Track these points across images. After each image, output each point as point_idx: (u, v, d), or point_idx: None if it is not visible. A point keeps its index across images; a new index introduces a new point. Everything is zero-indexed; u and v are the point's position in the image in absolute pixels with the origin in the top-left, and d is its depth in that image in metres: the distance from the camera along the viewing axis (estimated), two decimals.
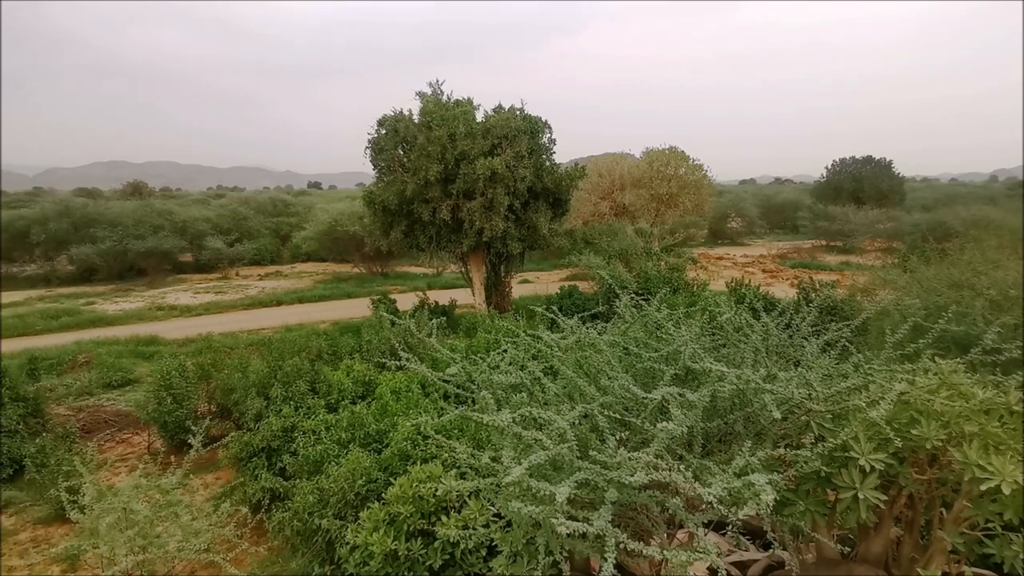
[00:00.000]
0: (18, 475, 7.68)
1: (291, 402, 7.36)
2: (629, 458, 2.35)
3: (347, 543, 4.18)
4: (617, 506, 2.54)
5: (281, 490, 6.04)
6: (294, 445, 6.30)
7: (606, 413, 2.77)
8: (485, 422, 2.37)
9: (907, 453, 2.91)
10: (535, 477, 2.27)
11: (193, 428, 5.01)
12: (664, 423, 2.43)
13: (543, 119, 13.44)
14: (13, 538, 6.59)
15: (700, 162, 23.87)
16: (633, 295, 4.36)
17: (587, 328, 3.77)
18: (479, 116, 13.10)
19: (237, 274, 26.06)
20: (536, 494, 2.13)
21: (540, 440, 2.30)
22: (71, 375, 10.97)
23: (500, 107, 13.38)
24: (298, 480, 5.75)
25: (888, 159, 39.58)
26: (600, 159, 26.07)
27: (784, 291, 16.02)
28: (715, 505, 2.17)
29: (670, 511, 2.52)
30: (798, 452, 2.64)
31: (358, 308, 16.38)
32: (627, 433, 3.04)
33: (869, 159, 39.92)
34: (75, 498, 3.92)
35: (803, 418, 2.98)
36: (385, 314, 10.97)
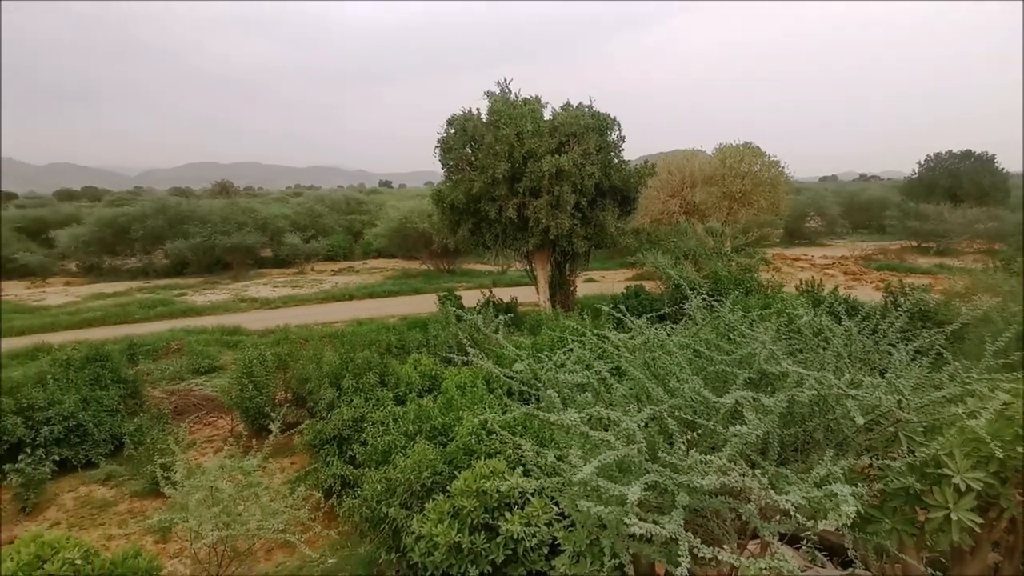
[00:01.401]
0: (118, 451, 8.38)
1: (361, 393, 7.62)
2: (700, 461, 2.28)
3: (413, 532, 4.29)
4: (687, 511, 2.47)
5: (351, 477, 6.27)
6: (363, 435, 6.53)
7: (676, 415, 2.70)
8: (552, 420, 2.36)
9: (1010, 473, 2.67)
10: (602, 478, 2.25)
11: (271, 414, 5.30)
12: (737, 427, 2.34)
13: (612, 116, 13.26)
14: (112, 508, 7.19)
15: (776, 158, 22.81)
16: (705, 296, 4.22)
17: (655, 329, 3.69)
18: (547, 114, 13.08)
19: (312, 269, 27.28)
20: (604, 494, 2.11)
21: (608, 441, 2.26)
22: (165, 360, 11.83)
23: (568, 104, 13.31)
24: (367, 469, 5.95)
25: (991, 153, 36.31)
26: (670, 156, 25.41)
27: (868, 295, 15.07)
28: (792, 514, 2.06)
29: (743, 518, 2.42)
30: (885, 465, 2.47)
31: (425, 304, 16.77)
32: (696, 436, 2.95)
33: (968, 154, 36.73)
34: (168, 475, 4.23)
35: (891, 429, 2.78)
36: (451, 310, 11.20)
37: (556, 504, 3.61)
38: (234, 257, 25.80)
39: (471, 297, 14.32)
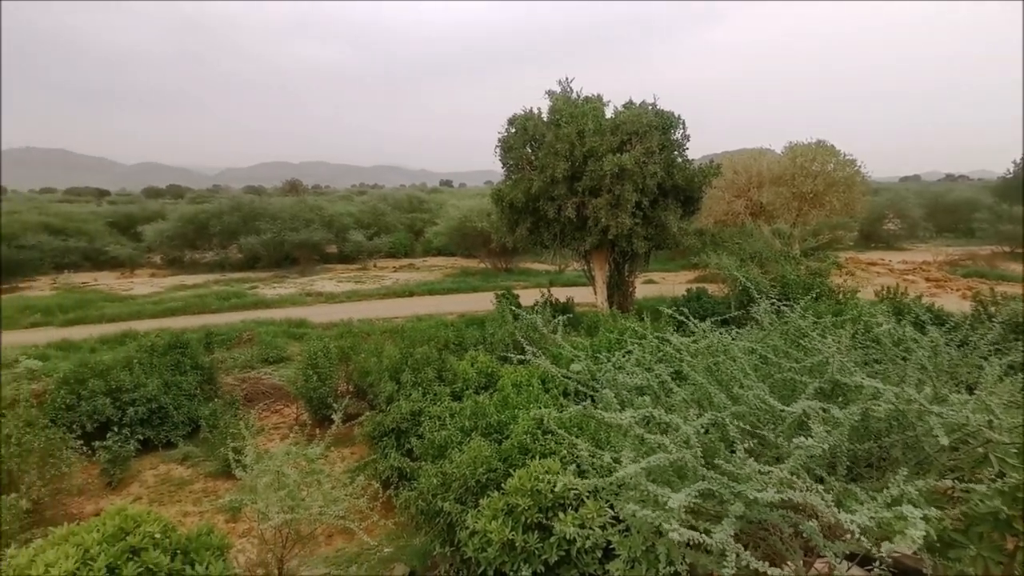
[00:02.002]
0: (195, 433, 8.91)
1: (419, 388, 7.78)
2: (760, 472, 2.18)
3: (467, 528, 4.34)
4: (744, 522, 2.38)
5: (408, 470, 6.41)
6: (421, 428, 6.65)
7: (737, 423, 2.61)
8: (607, 421, 2.33)
9: None
10: (657, 482, 2.19)
11: (334, 405, 5.50)
12: (802, 439, 2.23)
13: (676, 114, 12.94)
14: (188, 487, 7.65)
15: (853, 157, 21.60)
16: (773, 300, 4.05)
17: (719, 333, 3.57)
18: (609, 112, 12.91)
19: (375, 266, 28.08)
20: (656, 499, 2.06)
21: (663, 444, 2.21)
22: (237, 349, 12.47)
23: (631, 103, 13.09)
24: (423, 462, 6.06)
25: None
26: (736, 155, 24.56)
27: (954, 304, 14.05)
28: (857, 535, 1.94)
29: (805, 535, 2.31)
30: (971, 488, 2.29)
31: (483, 302, 16.93)
32: (757, 445, 2.83)
33: None
34: (239, 458, 4.46)
35: (979, 449, 2.58)
36: (509, 308, 11.26)
37: (611, 507, 3.56)
38: (302, 253, 26.89)
39: (528, 296, 14.35)
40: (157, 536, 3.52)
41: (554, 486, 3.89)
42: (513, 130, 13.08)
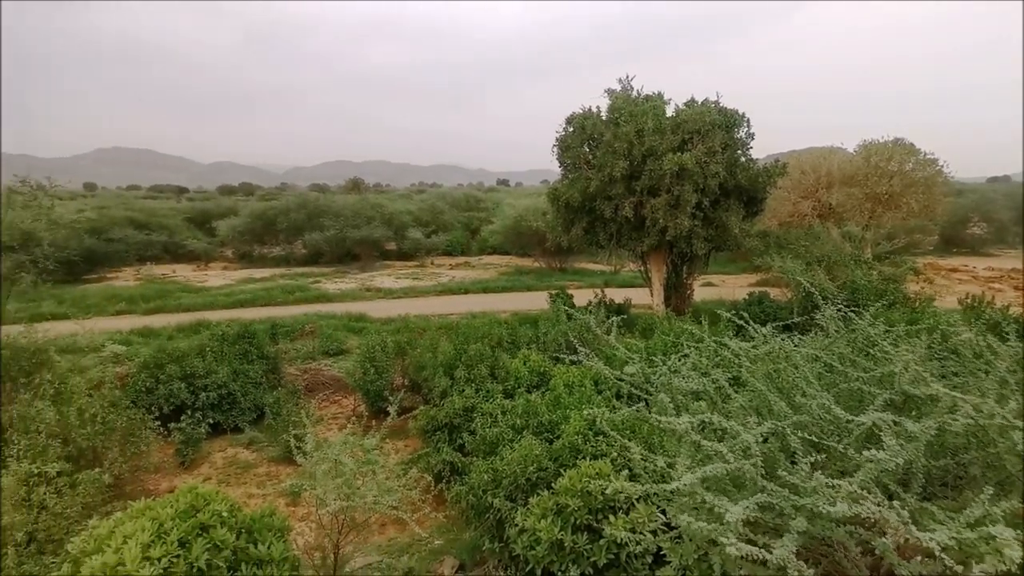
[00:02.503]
0: (259, 419, 9.35)
1: (473, 384, 7.87)
2: (826, 485, 2.09)
3: (516, 525, 4.36)
4: (807, 537, 2.28)
5: (459, 465, 6.51)
6: (473, 425, 6.74)
7: (799, 434, 2.50)
8: (661, 425, 2.28)
9: None
10: (712, 491, 2.13)
11: (389, 398, 5.64)
12: (873, 451, 2.12)
13: (741, 112, 12.54)
14: (253, 470, 8.04)
15: (934, 155, 20.24)
16: (840, 307, 3.86)
17: (781, 339, 3.43)
18: (670, 111, 12.65)
19: (432, 263, 28.58)
20: (711, 508, 2.00)
21: (720, 452, 2.15)
22: (300, 341, 12.99)
23: (693, 101, 12.77)
24: (475, 458, 6.14)
25: None
26: (804, 154, 23.50)
27: None
28: (938, 554, 1.83)
29: (876, 552, 2.19)
30: None
31: (537, 301, 16.94)
32: (823, 458, 2.71)
33: None
34: (300, 445, 4.65)
35: None
36: (562, 308, 11.22)
37: (663, 513, 3.50)
38: (362, 249, 27.70)
39: (582, 296, 14.25)
40: (224, 515, 3.71)
41: (605, 488, 3.86)
42: (571, 129, 13.01)
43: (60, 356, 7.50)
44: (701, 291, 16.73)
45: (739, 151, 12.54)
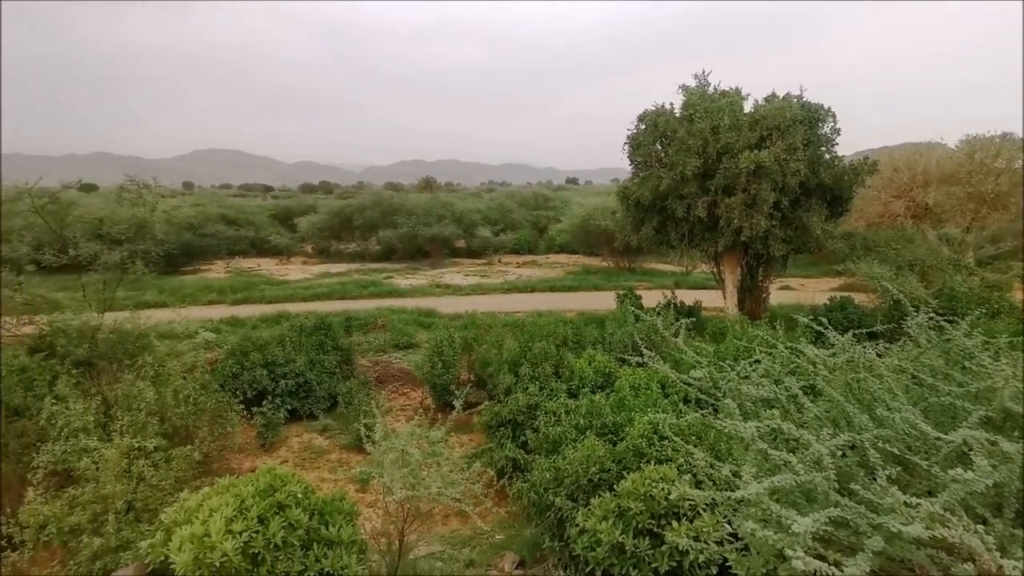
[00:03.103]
0: (333, 408, 9.78)
1: (537, 382, 7.90)
2: (906, 504, 1.96)
3: (577, 525, 4.35)
4: (883, 558, 2.15)
5: (522, 461, 6.56)
6: (536, 422, 6.77)
7: (880, 447, 2.35)
8: (727, 431, 2.21)
9: None
10: (781, 503, 2.05)
11: (455, 392, 5.77)
12: (960, 470, 1.97)
13: (826, 106, 11.87)
14: (326, 456, 8.42)
15: None
16: (933, 315, 3.59)
17: (863, 348, 3.24)
18: (748, 106, 12.16)
19: (499, 261, 28.87)
20: (780, 520, 1.92)
21: (790, 462, 2.06)
22: (372, 334, 13.48)
23: (773, 96, 12.22)
24: (537, 455, 6.17)
25: None
26: (897, 151, 21.90)
27: None
28: None
29: None
30: None
31: (603, 301, 16.76)
32: (903, 474, 2.53)
33: None
34: (370, 434, 4.84)
35: None
36: (630, 309, 11.04)
37: (729, 523, 3.38)
38: (433, 246, 28.37)
39: (651, 297, 13.97)
40: (299, 496, 3.92)
41: (668, 494, 3.78)
42: (643, 126, 12.77)
43: (159, 341, 8.16)
44: (778, 295, 15.98)
45: (823, 147, 11.89)
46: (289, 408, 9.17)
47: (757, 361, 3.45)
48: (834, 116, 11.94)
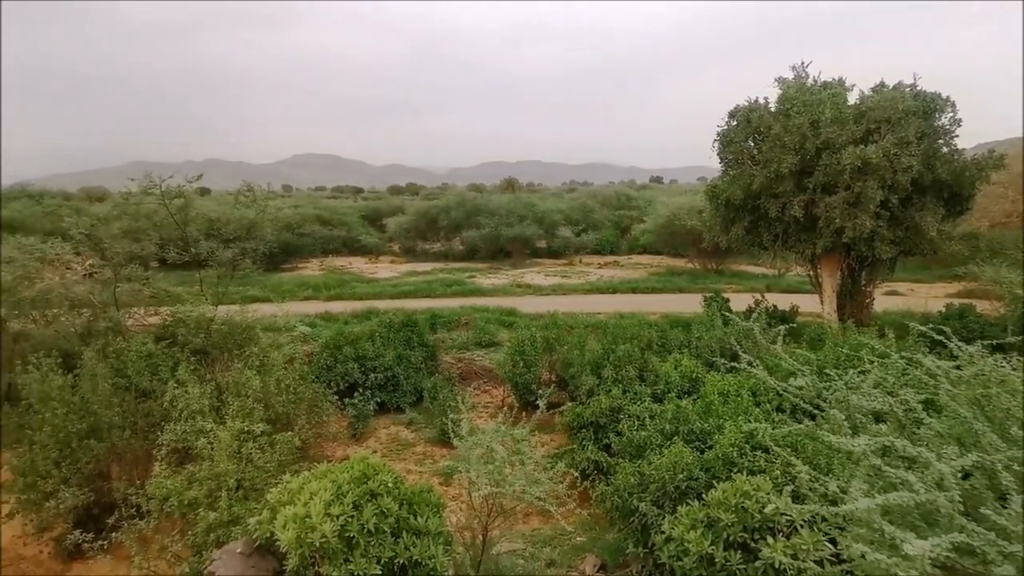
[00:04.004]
0: (418, 402, 10.12)
1: (620, 385, 7.79)
2: None
3: (663, 532, 4.24)
4: None
5: (605, 464, 6.48)
6: (620, 426, 6.67)
7: (1016, 469, 2.12)
8: (834, 444, 2.08)
9: None
10: (896, 524, 1.90)
11: (537, 391, 5.80)
12: None
13: (944, 95, 10.85)
14: (411, 448, 8.72)
15: None
16: None
17: (992, 360, 2.93)
18: (853, 98, 11.34)
19: (580, 261, 28.67)
20: (894, 543, 1.78)
21: (907, 481, 1.90)
22: (455, 332, 13.80)
23: (882, 85, 11.33)
24: (621, 459, 6.08)
25: None
26: None
27: None
28: None
29: None
30: None
31: (688, 303, 16.23)
32: None
33: None
34: (456, 428, 4.96)
35: None
36: (718, 312, 10.63)
37: (833, 542, 3.17)
38: (514, 246, 28.64)
39: (739, 301, 13.38)
40: (390, 485, 4.09)
41: (763, 506, 3.61)
42: (734, 122, 12.23)
43: (263, 333, 8.79)
44: (883, 300, 14.80)
45: (940, 140, 10.87)
46: (378, 401, 9.58)
47: (865, 371, 3.21)
48: (953, 106, 10.89)
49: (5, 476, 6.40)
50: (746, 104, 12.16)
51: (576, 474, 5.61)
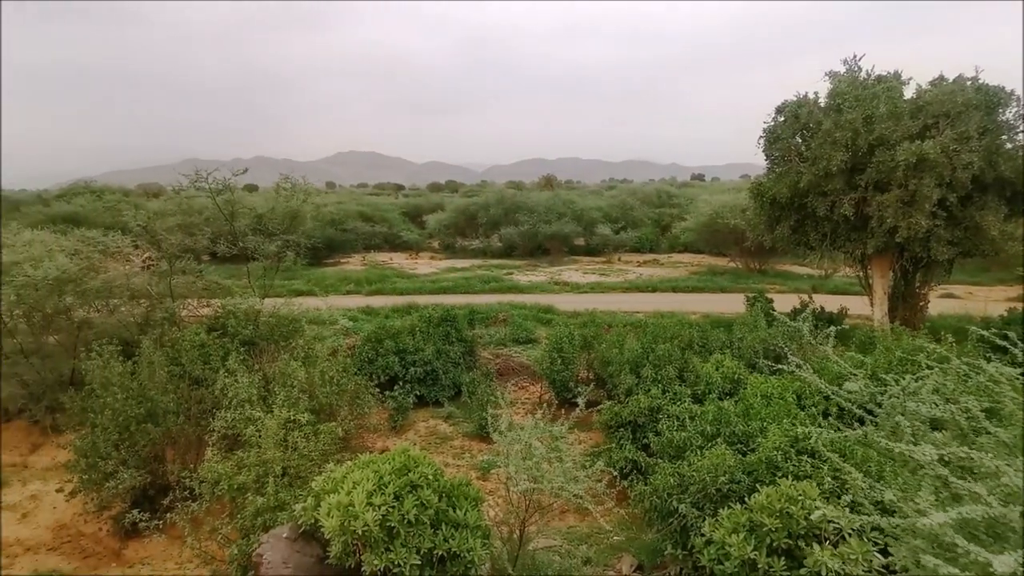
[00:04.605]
0: (456, 396, 10.22)
1: (659, 385, 7.69)
2: None
3: (703, 535, 4.18)
4: None
5: (643, 464, 6.42)
6: (659, 426, 6.59)
7: None
8: (896, 452, 2.01)
9: None
10: (962, 536, 1.82)
11: (575, 389, 5.78)
12: None
13: (1009, 89, 10.29)
14: (449, 442, 8.82)
15: None
16: None
17: None
18: (909, 92, 10.87)
19: (619, 259, 28.40)
20: (963, 557, 1.71)
21: (977, 493, 1.82)
22: (493, 328, 13.88)
23: (941, 79, 10.83)
24: (659, 460, 6.01)
25: None
26: None
27: None
28: None
29: None
30: None
31: (730, 303, 15.90)
32: None
33: None
34: (496, 423, 4.99)
35: None
36: (761, 313, 10.38)
37: (883, 553, 3.07)
38: (553, 244, 28.57)
39: (783, 301, 13.03)
40: (430, 477, 4.15)
41: (809, 513, 3.52)
42: (782, 119, 11.88)
43: (308, 326, 9.03)
44: (938, 303, 14.18)
45: (1004, 136, 10.33)
46: (417, 394, 9.72)
47: (922, 376, 3.08)
48: (1019, 100, 10.32)
49: (69, 456, 6.76)
50: (794, 99, 11.79)
51: (615, 473, 5.56)
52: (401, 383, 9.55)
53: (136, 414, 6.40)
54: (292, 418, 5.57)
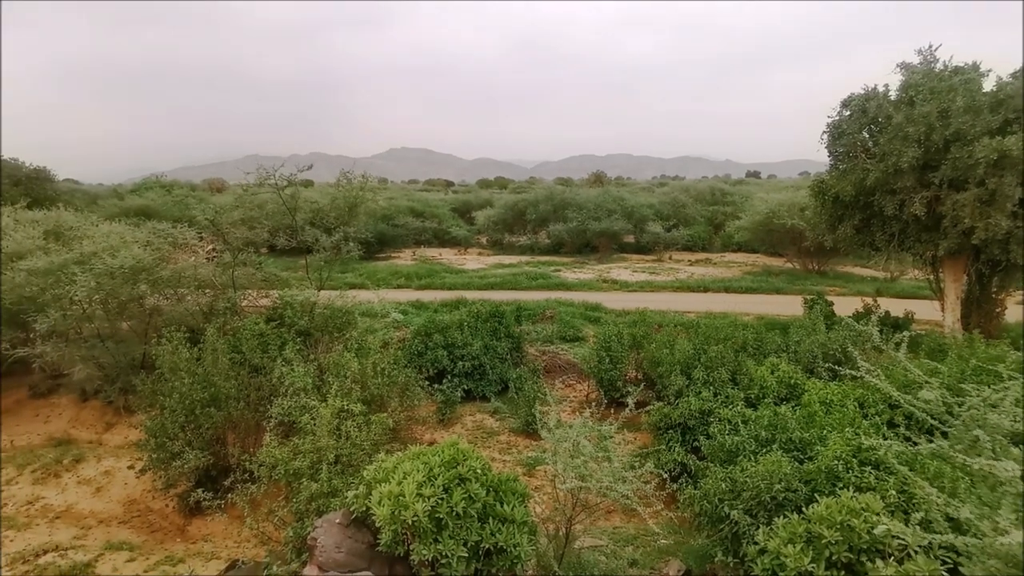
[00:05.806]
0: (503, 392, 10.26)
1: (711, 387, 7.51)
2: None
3: (756, 544, 4.06)
4: None
5: (692, 467, 6.28)
6: (710, 429, 6.43)
7: None
8: (976, 468, 1.89)
9: None
10: None
11: (623, 388, 5.70)
12: None
13: None
14: (496, 437, 8.87)
15: None
16: None
17: None
18: (989, 84, 10.18)
19: (670, 258, 27.84)
20: None
21: None
22: (540, 325, 13.85)
23: None
24: (710, 463, 5.86)
25: None
26: None
27: None
28: None
29: None
30: None
31: (786, 305, 15.34)
32: None
33: None
34: (544, 420, 4.99)
35: None
36: (821, 316, 9.97)
37: (953, 573, 2.89)
38: (601, 241, 28.27)
39: (844, 304, 12.49)
40: (478, 471, 4.18)
41: (872, 527, 3.36)
42: (847, 113, 11.33)
43: (360, 318, 9.26)
44: (1016, 310, 13.24)
45: None
46: (465, 388, 9.82)
47: (1005, 387, 2.88)
48: None
49: (140, 436, 7.18)
50: (862, 92, 11.23)
51: (665, 475, 5.46)
52: (449, 377, 9.67)
53: (201, 398, 6.73)
54: (345, 408, 5.72)
